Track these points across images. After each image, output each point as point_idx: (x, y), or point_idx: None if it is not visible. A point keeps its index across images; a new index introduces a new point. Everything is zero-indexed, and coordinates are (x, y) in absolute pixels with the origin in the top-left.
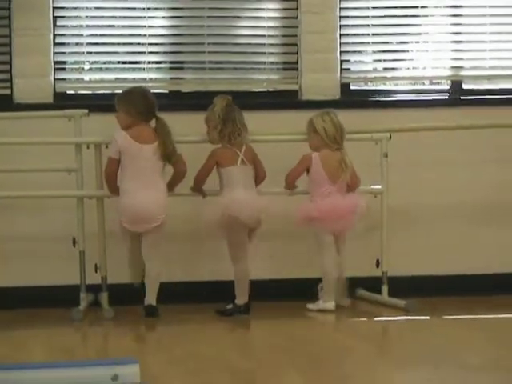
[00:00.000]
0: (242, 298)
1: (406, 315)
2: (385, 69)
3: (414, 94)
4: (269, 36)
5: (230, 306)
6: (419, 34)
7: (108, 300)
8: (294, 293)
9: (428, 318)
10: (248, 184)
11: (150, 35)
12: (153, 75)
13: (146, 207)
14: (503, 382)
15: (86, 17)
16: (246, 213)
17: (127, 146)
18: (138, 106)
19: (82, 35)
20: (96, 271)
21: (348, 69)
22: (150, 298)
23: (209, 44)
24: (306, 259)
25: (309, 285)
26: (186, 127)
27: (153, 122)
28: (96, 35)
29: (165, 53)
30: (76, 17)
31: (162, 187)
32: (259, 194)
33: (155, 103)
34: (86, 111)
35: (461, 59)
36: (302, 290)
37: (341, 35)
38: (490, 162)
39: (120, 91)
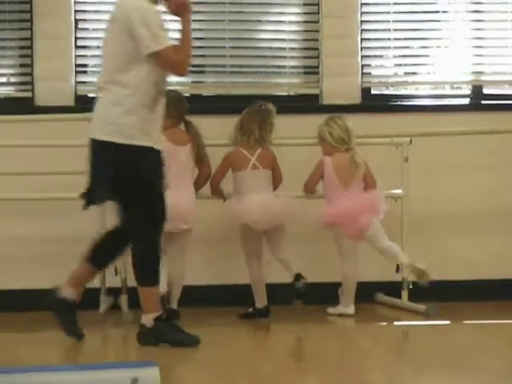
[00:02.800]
0: (260, 302)
1: (426, 320)
2: (406, 73)
3: (434, 99)
4: (290, 40)
5: (250, 310)
6: (440, 38)
7: (128, 303)
8: (314, 297)
9: (448, 322)
10: (261, 188)
11: (171, 38)
12: (174, 78)
13: (181, 207)
14: None
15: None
16: (255, 216)
17: (163, 147)
18: (178, 109)
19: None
20: (116, 274)
21: (369, 73)
22: (175, 302)
23: (230, 48)
24: (326, 263)
25: (329, 289)
26: (207, 130)
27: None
28: None
29: None
30: (97, 20)
31: (192, 189)
32: (278, 198)
33: (188, 106)
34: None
35: (482, 64)
36: (323, 294)
37: (362, 39)
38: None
39: None
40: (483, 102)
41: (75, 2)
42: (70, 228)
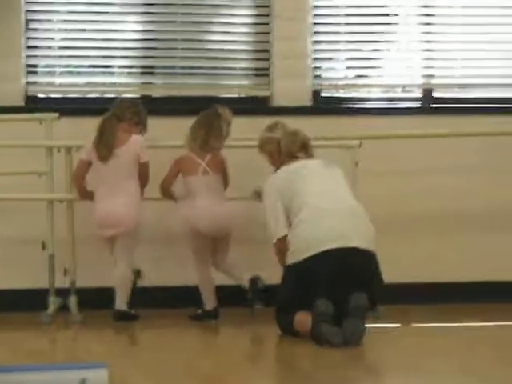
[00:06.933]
0: (209, 303)
1: (376, 322)
2: (356, 76)
3: (385, 102)
4: (240, 42)
5: (199, 311)
6: (391, 41)
7: (77, 304)
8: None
9: (399, 325)
10: (211, 194)
11: (121, 39)
12: (124, 79)
13: (115, 212)
14: None
15: (58, 20)
16: (204, 222)
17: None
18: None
19: (53, 39)
20: (65, 275)
21: (319, 76)
22: (119, 303)
23: (181, 49)
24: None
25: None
26: (157, 132)
27: None
28: (67, 39)
29: (136, 57)
30: (48, 20)
31: (133, 192)
32: (226, 206)
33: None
34: (56, 115)
35: (432, 67)
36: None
37: (313, 42)
38: (462, 170)
39: (91, 95)
40: (433, 105)
41: (26, 3)
42: (17, 229)
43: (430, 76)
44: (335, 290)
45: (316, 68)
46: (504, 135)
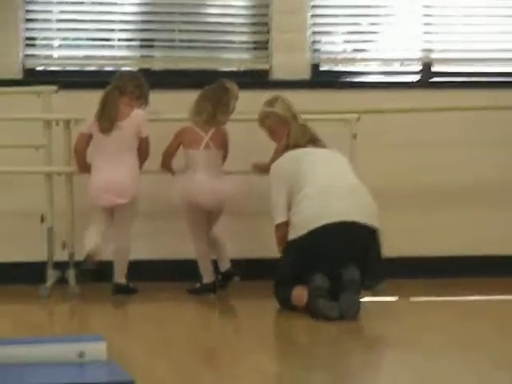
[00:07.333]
0: (207, 277)
1: (374, 296)
2: (355, 50)
3: (384, 76)
4: (239, 15)
5: (197, 285)
6: (390, 15)
7: (75, 277)
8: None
9: (395, 299)
10: (212, 169)
11: (120, 12)
12: (123, 53)
13: (116, 181)
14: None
15: None
16: (204, 197)
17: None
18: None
19: (51, 11)
20: (63, 248)
21: (318, 49)
22: (119, 276)
23: (180, 22)
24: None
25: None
26: (157, 105)
27: None
28: (66, 11)
29: (135, 30)
30: None
31: (134, 165)
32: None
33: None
34: (55, 88)
35: (431, 42)
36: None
37: (312, 15)
38: (459, 144)
39: (90, 68)
40: (432, 79)
41: None
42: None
43: (429, 50)
44: (332, 264)
45: (315, 42)
46: (504, 109)
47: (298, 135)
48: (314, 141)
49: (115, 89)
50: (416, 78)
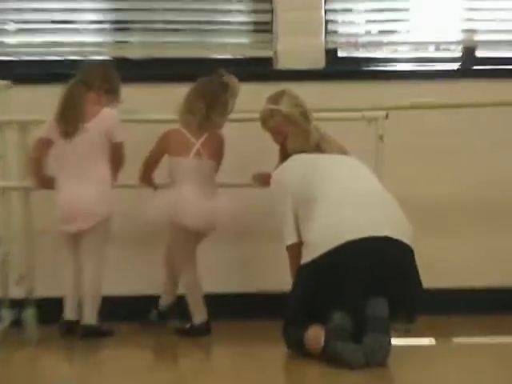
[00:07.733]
0: (198, 316)
1: (406, 337)
2: (380, 32)
3: (416, 64)
4: None
5: (188, 326)
6: None
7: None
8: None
9: (434, 341)
10: (202, 182)
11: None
12: (92, 38)
13: (79, 203)
14: None
15: None
16: (191, 217)
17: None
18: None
19: None
20: (17, 284)
21: (335, 31)
22: (88, 316)
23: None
24: None
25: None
26: (135, 102)
27: None
28: None
29: (107, 10)
30: None
31: (101, 178)
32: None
33: None
34: (8, 82)
35: (475, 20)
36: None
37: None
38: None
39: (51, 58)
40: (476, 67)
41: None
42: None
43: (473, 31)
44: (356, 294)
45: (330, 22)
46: None
47: (301, 140)
48: (319, 147)
49: (80, 82)
50: (456, 65)
